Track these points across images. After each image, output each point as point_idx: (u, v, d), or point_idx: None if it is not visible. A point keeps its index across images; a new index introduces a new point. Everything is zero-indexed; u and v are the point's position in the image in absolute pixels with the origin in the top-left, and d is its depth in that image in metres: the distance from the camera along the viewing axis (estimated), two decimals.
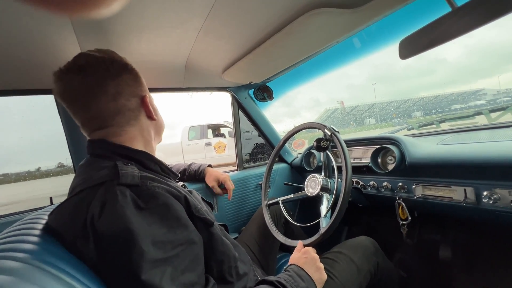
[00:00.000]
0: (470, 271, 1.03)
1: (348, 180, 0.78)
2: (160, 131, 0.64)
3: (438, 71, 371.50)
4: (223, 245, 0.58)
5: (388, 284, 0.83)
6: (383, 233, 1.27)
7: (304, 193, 0.96)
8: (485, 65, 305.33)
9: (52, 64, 0.75)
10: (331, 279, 0.68)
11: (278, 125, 1.60)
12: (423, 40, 0.63)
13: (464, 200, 0.79)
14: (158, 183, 0.50)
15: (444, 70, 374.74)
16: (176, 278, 0.43)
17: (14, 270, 0.32)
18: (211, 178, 1.11)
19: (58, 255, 0.40)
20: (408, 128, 1.41)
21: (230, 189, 1.11)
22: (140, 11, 0.59)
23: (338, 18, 0.69)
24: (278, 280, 0.56)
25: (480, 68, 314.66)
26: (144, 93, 0.58)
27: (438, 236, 1.15)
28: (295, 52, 0.91)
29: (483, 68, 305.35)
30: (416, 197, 0.91)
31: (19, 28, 0.58)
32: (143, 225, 0.43)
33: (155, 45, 0.76)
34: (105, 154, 0.52)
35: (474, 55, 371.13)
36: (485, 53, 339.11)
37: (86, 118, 0.52)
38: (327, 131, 0.90)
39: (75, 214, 0.44)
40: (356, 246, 0.80)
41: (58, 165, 6.80)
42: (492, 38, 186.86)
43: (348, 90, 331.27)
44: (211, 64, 0.98)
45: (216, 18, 0.65)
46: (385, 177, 1.02)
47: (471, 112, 1.18)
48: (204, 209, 0.57)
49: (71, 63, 0.50)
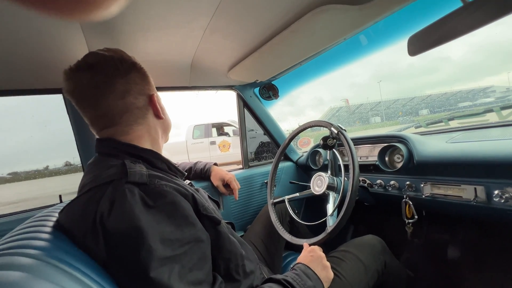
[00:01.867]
0: (479, 271, 1.01)
1: (356, 178, 0.77)
2: (167, 130, 0.65)
3: (442, 69, 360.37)
4: (230, 243, 0.59)
5: (396, 283, 0.82)
6: (390, 232, 1.26)
7: (310, 191, 0.96)
8: (491, 62, 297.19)
9: (60, 64, 0.75)
10: (338, 278, 0.68)
11: (282, 124, 1.61)
12: (433, 36, 0.62)
13: (474, 199, 0.77)
14: (166, 182, 0.50)
15: (449, 68, 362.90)
16: (184, 276, 0.44)
17: (27, 266, 0.32)
18: (216, 177, 1.11)
19: (69, 252, 0.40)
20: (416, 126, 1.39)
21: (236, 189, 1.10)
22: (146, 10, 0.59)
23: (345, 15, 0.68)
24: (285, 278, 0.56)
25: (486, 66, 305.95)
26: (152, 92, 0.59)
27: (447, 236, 1.13)
28: (301, 50, 0.90)
29: (490, 65, 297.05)
30: (425, 196, 0.90)
31: (29, 29, 0.58)
32: (151, 223, 0.43)
33: (161, 44, 0.77)
34: (113, 152, 0.53)
35: (479, 53, 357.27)
36: (491, 50, 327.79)
37: (95, 116, 0.53)
38: (333, 129, 0.90)
39: (85, 212, 0.44)
40: (363, 245, 0.79)
41: (66, 163, 6.90)
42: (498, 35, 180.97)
43: (352, 89, 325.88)
44: (217, 62, 0.98)
45: (222, 16, 0.65)
46: (392, 176, 1.01)
47: (482, 109, 1.15)
48: (211, 207, 0.57)
49: (81, 62, 0.51)
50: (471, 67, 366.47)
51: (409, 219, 0.96)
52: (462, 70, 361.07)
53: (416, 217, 0.95)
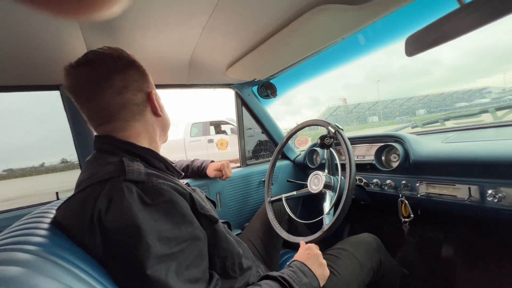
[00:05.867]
0: (472, 269, 1.03)
1: (352, 177, 0.78)
2: (166, 128, 0.65)
3: (437, 71, 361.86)
4: (227, 242, 0.59)
5: (390, 281, 0.83)
6: (386, 230, 1.27)
7: (307, 190, 0.97)
8: (486, 64, 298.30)
9: (58, 61, 0.75)
10: (334, 275, 0.69)
11: (279, 122, 1.62)
12: (430, 37, 0.63)
13: (468, 199, 0.78)
14: (164, 180, 0.50)
15: (444, 69, 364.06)
16: (181, 273, 0.44)
17: (25, 261, 0.32)
18: (211, 169, 1.12)
19: (66, 248, 0.41)
20: (412, 126, 1.41)
21: (227, 172, 1.12)
22: (145, 8, 0.59)
23: (343, 14, 0.68)
24: (281, 275, 0.57)
25: (481, 68, 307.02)
26: (151, 89, 0.59)
27: (441, 234, 1.15)
28: (299, 49, 0.91)
29: (485, 67, 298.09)
30: (420, 195, 0.91)
31: (27, 25, 0.58)
32: (149, 221, 0.44)
33: (159, 42, 0.77)
34: (111, 150, 0.53)
35: (471, 55, 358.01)
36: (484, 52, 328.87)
37: (92, 111, 0.53)
38: (331, 128, 0.90)
39: (82, 210, 0.45)
40: (359, 243, 0.80)
41: (62, 161, 6.85)
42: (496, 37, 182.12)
43: (348, 89, 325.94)
44: (215, 60, 0.98)
45: (221, 14, 0.65)
46: (388, 175, 1.02)
47: (477, 110, 1.17)
48: (208, 206, 0.58)
49: (81, 58, 0.52)
50: (465, 68, 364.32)
51: (405, 218, 0.97)
52: (457, 72, 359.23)
53: (412, 216, 0.96)
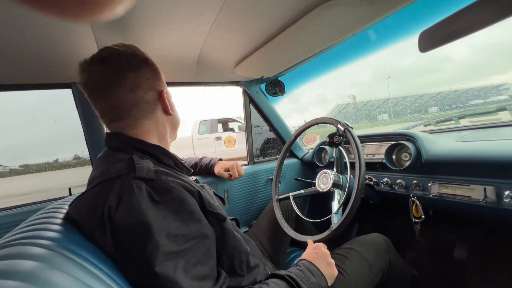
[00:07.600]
0: (485, 272, 0.99)
1: (362, 176, 0.77)
2: (176, 127, 0.65)
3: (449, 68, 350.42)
4: (235, 240, 0.59)
5: (400, 282, 0.82)
6: (395, 230, 1.25)
7: (315, 188, 0.96)
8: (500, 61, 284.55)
9: (69, 60, 0.77)
10: (342, 275, 0.68)
11: (286, 120, 1.61)
12: (445, 32, 0.60)
13: (483, 199, 0.76)
14: (173, 178, 0.51)
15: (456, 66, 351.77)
16: (189, 270, 0.45)
17: (39, 256, 0.33)
18: (219, 167, 1.12)
19: (78, 243, 0.42)
20: (425, 124, 1.37)
21: (235, 172, 1.11)
22: (154, 5, 0.59)
23: (354, 9, 0.67)
24: (288, 274, 0.56)
25: (495, 64, 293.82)
26: (162, 88, 0.59)
27: (454, 236, 1.12)
28: (309, 45, 0.89)
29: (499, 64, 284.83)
30: (432, 195, 0.88)
31: (40, 26, 0.60)
32: (158, 218, 0.44)
33: (168, 40, 0.77)
34: (121, 147, 0.54)
35: (485, 51, 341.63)
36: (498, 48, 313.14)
37: (105, 108, 0.54)
38: (340, 126, 0.89)
39: (93, 206, 0.46)
40: (368, 243, 0.79)
41: (74, 157, 7.06)
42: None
43: (357, 86, 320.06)
44: (224, 58, 0.98)
45: (229, 11, 0.65)
46: (399, 174, 1.00)
47: (494, 107, 1.12)
48: (216, 204, 0.58)
49: (95, 55, 0.53)
50: (480, 64, 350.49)
51: (416, 219, 0.95)
52: (472, 68, 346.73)
53: (423, 217, 0.94)
